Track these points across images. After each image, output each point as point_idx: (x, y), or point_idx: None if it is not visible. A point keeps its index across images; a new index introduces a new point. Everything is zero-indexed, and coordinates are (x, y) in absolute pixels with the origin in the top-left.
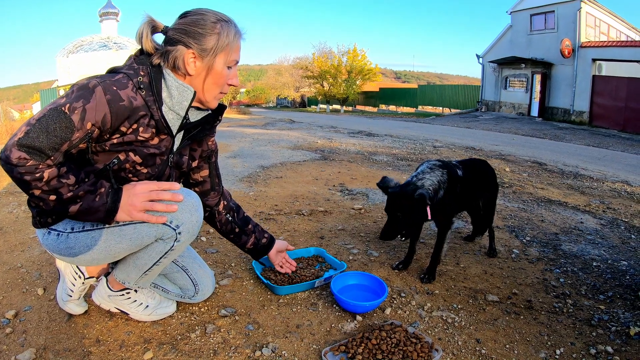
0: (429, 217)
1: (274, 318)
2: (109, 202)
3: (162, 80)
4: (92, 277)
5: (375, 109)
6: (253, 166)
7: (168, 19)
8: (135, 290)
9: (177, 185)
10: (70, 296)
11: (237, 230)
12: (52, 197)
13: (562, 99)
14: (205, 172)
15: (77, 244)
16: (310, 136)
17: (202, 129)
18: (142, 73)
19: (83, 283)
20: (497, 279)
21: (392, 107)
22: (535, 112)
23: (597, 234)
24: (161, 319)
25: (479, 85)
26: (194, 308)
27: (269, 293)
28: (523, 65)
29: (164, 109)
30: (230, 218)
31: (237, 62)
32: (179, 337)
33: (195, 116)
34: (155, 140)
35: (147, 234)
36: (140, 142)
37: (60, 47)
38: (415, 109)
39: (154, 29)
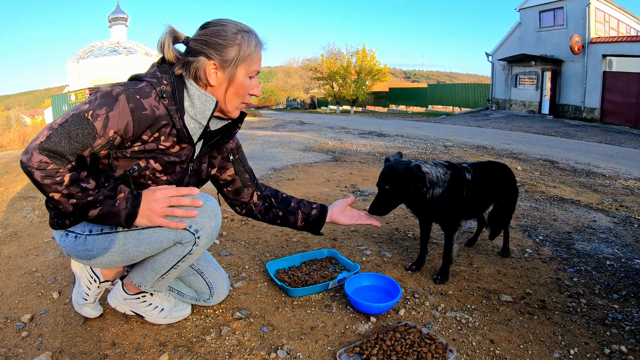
0: (427, 185)
1: (288, 320)
2: (129, 207)
3: (185, 89)
4: (108, 280)
5: (385, 109)
6: (264, 168)
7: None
8: (151, 294)
9: (196, 191)
10: (86, 300)
11: (280, 213)
12: (72, 201)
13: (572, 96)
14: (231, 171)
15: (95, 247)
16: (320, 137)
17: (222, 136)
18: (165, 82)
19: (98, 287)
20: (510, 279)
21: (402, 107)
22: (546, 109)
23: (611, 233)
24: (176, 322)
25: (489, 84)
26: (208, 311)
27: (283, 295)
28: (533, 62)
29: (186, 118)
30: (267, 205)
31: (258, 72)
32: (194, 339)
33: (215, 125)
34: (176, 149)
35: (166, 238)
36: (161, 151)
37: (70, 52)
38: (425, 108)
39: (175, 39)
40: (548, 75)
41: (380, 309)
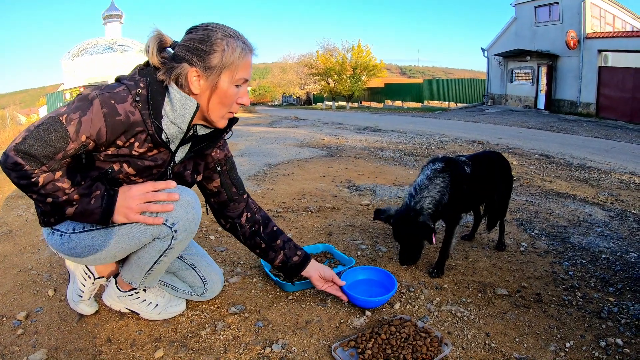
0: (434, 242)
1: (283, 315)
2: (104, 204)
3: (166, 93)
4: (102, 277)
5: (381, 105)
6: (260, 164)
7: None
8: (144, 290)
9: (173, 184)
10: (81, 296)
11: (263, 245)
12: (49, 200)
13: (568, 91)
14: (217, 183)
15: (79, 245)
16: (316, 133)
17: (208, 143)
18: (142, 85)
19: (93, 283)
20: (506, 272)
21: (398, 103)
22: (541, 104)
23: (606, 226)
24: (171, 318)
25: (484, 79)
26: (203, 306)
27: (278, 290)
28: (528, 57)
29: (165, 122)
30: (254, 231)
31: (247, 80)
32: (189, 335)
33: (203, 130)
34: (153, 152)
35: (144, 234)
36: (135, 156)
37: (65, 50)
38: (421, 104)
39: (162, 43)
40: (544, 70)
41: (376, 303)
